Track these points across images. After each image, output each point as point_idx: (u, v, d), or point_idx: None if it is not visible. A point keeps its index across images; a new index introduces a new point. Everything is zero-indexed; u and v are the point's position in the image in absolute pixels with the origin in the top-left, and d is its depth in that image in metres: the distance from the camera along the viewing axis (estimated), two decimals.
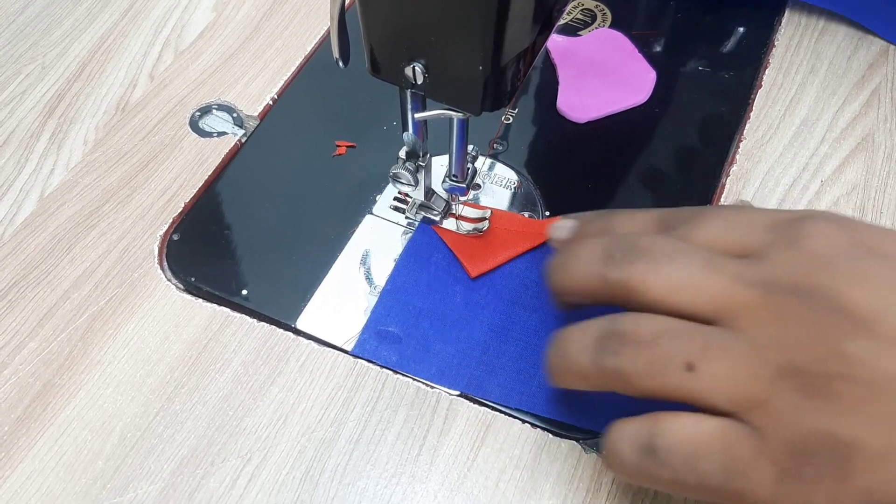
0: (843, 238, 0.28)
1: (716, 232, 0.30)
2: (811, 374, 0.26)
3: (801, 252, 0.28)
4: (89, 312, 0.39)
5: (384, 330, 0.39)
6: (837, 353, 0.26)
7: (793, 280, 0.27)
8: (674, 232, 0.31)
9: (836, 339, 0.26)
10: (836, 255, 0.27)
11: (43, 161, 0.45)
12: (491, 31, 0.29)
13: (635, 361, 0.28)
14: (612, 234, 0.32)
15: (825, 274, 0.27)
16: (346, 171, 0.45)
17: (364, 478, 0.35)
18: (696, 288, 0.28)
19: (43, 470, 0.35)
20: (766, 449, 0.26)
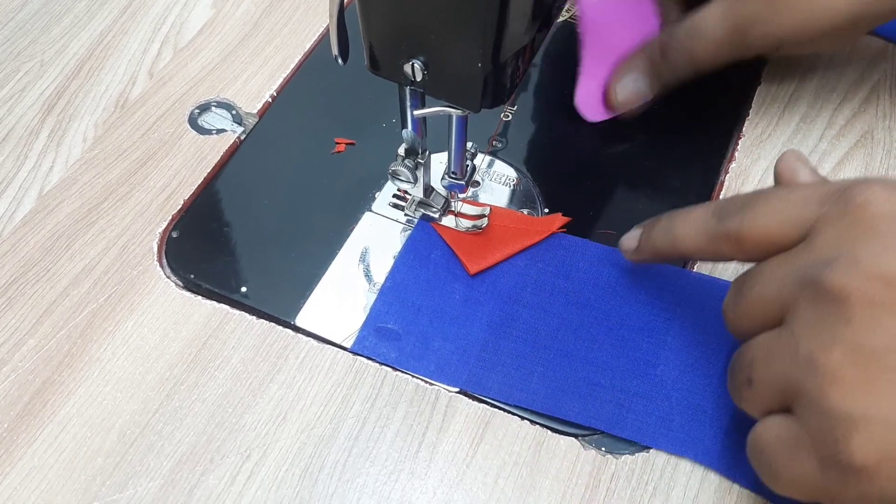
0: (893, 201, 0.27)
1: (770, 214, 0.30)
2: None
3: (851, 220, 0.28)
4: (88, 309, 0.39)
5: (383, 327, 0.39)
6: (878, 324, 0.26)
7: (838, 250, 0.27)
8: (731, 219, 0.32)
9: (876, 308, 0.26)
10: (888, 219, 0.27)
11: (42, 158, 0.45)
12: (490, 28, 0.30)
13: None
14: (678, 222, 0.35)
15: (871, 241, 0.27)
16: (345, 168, 0.45)
17: (363, 474, 0.35)
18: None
19: (42, 467, 0.35)
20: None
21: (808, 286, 0.27)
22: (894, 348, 0.25)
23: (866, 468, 0.25)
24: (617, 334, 0.38)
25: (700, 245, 0.33)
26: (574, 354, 0.38)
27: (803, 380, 0.27)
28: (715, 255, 0.34)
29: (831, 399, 0.26)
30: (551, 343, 0.38)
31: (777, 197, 0.31)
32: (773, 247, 0.30)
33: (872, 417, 0.25)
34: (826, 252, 0.28)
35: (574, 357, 0.38)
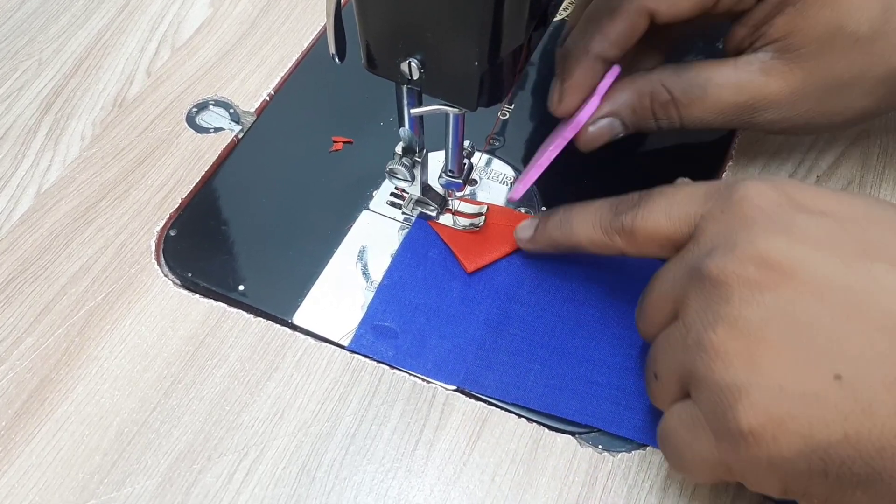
0: (772, 195, 0.30)
1: (661, 210, 0.33)
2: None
3: (730, 215, 0.30)
4: (86, 308, 0.39)
5: (381, 325, 0.39)
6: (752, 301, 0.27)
7: (718, 240, 0.29)
8: (625, 214, 0.34)
9: (750, 289, 0.27)
10: (762, 210, 0.29)
11: (40, 157, 0.45)
12: (487, 26, 0.30)
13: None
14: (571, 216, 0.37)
15: (747, 229, 0.29)
16: (342, 166, 0.45)
17: (360, 472, 0.35)
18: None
19: (40, 465, 0.35)
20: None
21: (694, 277, 0.29)
22: (768, 320, 0.27)
23: (753, 432, 0.26)
24: (614, 332, 0.38)
25: (594, 237, 0.35)
26: (571, 352, 0.38)
27: (694, 362, 0.28)
28: (608, 248, 0.35)
29: (717, 373, 0.27)
30: (548, 341, 0.38)
31: (666, 194, 0.33)
32: (664, 241, 0.33)
33: (754, 384, 0.26)
34: (709, 245, 0.30)
35: (571, 355, 0.38)
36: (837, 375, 0.26)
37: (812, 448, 0.26)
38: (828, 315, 0.26)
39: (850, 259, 0.27)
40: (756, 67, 0.37)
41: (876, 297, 0.26)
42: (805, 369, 0.26)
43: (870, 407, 0.25)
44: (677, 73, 0.38)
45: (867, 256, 0.27)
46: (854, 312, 0.26)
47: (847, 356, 0.26)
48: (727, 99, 0.38)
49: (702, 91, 0.38)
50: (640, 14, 0.35)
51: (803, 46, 0.36)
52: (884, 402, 0.25)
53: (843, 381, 0.25)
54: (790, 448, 0.26)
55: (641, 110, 0.39)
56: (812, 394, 0.26)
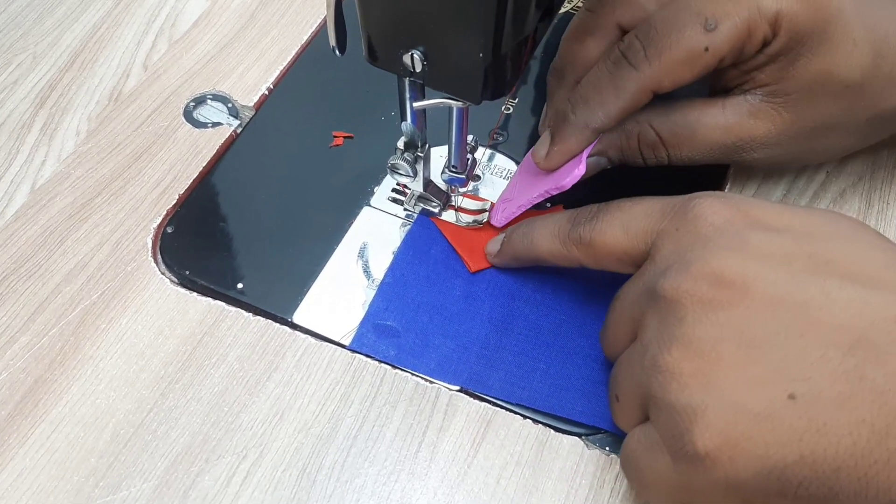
0: (726, 212, 0.30)
1: (618, 224, 0.33)
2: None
3: (684, 232, 0.30)
4: (82, 306, 0.38)
5: (382, 324, 0.38)
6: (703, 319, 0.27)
7: (672, 259, 0.29)
8: (583, 226, 0.34)
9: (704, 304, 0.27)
10: (716, 228, 0.29)
11: (34, 152, 0.44)
12: (492, 17, 0.29)
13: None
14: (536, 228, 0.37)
15: (701, 247, 0.29)
16: (343, 162, 0.44)
17: (362, 475, 0.34)
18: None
19: (34, 467, 0.34)
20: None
21: (650, 297, 0.29)
22: (722, 339, 0.27)
23: (709, 454, 0.26)
24: None
25: (553, 248, 0.36)
26: (577, 351, 0.37)
27: (651, 383, 0.28)
28: (568, 259, 0.35)
29: (672, 394, 0.27)
30: (554, 340, 0.37)
31: (623, 209, 0.33)
32: (622, 255, 0.33)
33: (708, 405, 0.26)
34: (664, 263, 0.30)
35: (577, 354, 0.37)
36: (791, 395, 0.25)
37: (769, 469, 0.25)
38: (781, 332, 0.26)
39: (803, 274, 0.27)
40: (744, 110, 0.37)
41: (828, 313, 0.26)
42: (759, 389, 0.26)
43: (824, 426, 0.25)
44: (665, 114, 0.37)
45: (820, 271, 0.27)
46: (807, 329, 0.26)
47: (800, 374, 0.25)
48: (715, 140, 0.37)
49: (690, 132, 0.37)
50: (645, 93, 0.35)
51: (793, 93, 0.36)
52: (837, 420, 0.25)
53: (797, 400, 0.25)
54: (747, 469, 0.26)
55: (629, 150, 0.39)
56: (766, 414, 0.25)
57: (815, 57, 0.34)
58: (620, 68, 0.35)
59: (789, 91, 0.35)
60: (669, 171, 0.40)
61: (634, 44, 0.35)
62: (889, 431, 0.24)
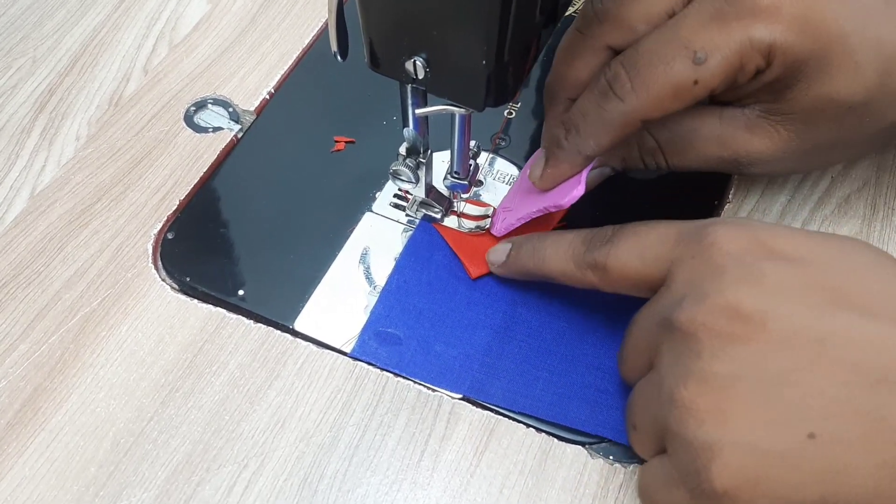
0: (742, 241, 0.29)
1: (634, 250, 0.32)
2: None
3: (700, 261, 0.29)
4: (81, 314, 0.38)
5: (384, 331, 0.38)
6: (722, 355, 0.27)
7: (688, 289, 0.29)
8: (598, 251, 0.34)
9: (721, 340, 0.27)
10: (732, 257, 0.29)
11: (34, 157, 0.44)
12: (495, 23, 0.28)
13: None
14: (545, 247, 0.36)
15: (717, 278, 0.28)
16: (344, 167, 0.44)
17: (364, 484, 0.34)
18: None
19: (34, 477, 0.34)
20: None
21: (666, 327, 0.29)
22: (740, 375, 0.26)
23: (727, 493, 0.25)
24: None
25: (566, 270, 0.35)
26: (580, 359, 0.37)
27: (667, 416, 0.28)
28: (580, 281, 0.35)
29: (689, 430, 0.27)
30: (557, 348, 0.37)
31: (639, 234, 0.33)
32: (637, 281, 0.32)
33: (727, 443, 0.26)
34: (679, 293, 0.29)
35: (581, 362, 0.37)
36: (811, 434, 0.25)
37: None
38: (799, 369, 0.26)
39: (821, 308, 0.26)
40: (741, 123, 0.36)
41: (847, 349, 0.26)
42: (778, 427, 0.25)
43: (845, 467, 0.24)
44: (663, 121, 0.36)
45: (839, 305, 0.26)
46: (825, 366, 0.26)
47: (819, 413, 0.25)
48: (711, 152, 0.36)
49: (686, 142, 0.37)
50: (633, 124, 0.34)
51: (792, 113, 0.34)
52: (858, 462, 0.24)
53: (817, 440, 0.25)
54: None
55: (630, 158, 0.38)
56: (786, 453, 0.25)
57: (814, 83, 0.33)
58: (607, 100, 0.34)
59: (787, 111, 0.34)
60: (672, 178, 0.40)
61: (620, 74, 0.33)
62: None
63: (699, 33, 0.32)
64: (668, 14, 0.33)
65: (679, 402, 0.27)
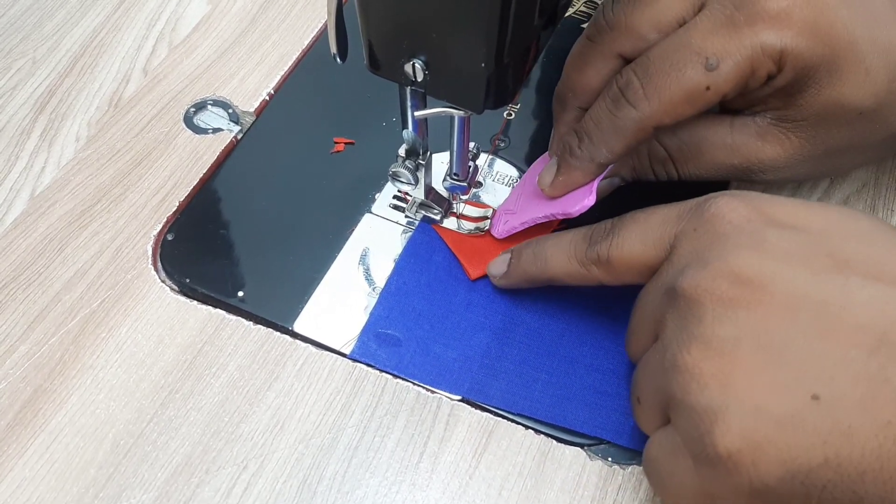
0: (744, 211, 0.29)
1: (636, 237, 0.32)
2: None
3: (702, 232, 0.30)
4: (81, 315, 0.38)
5: (384, 333, 0.38)
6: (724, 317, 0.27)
7: (691, 258, 0.29)
8: (600, 244, 0.33)
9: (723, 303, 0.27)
10: (734, 226, 0.29)
11: (34, 159, 0.44)
12: (494, 26, 0.29)
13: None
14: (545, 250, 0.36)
15: (719, 246, 0.28)
16: (344, 168, 0.44)
17: (363, 486, 0.34)
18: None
19: (34, 478, 0.34)
20: None
21: (669, 296, 0.29)
22: (743, 339, 0.26)
23: (731, 457, 0.25)
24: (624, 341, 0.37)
25: (571, 269, 0.35)
26: (579, 361, 0.37)
27: (671, 384, 0.28)
28: (586, 278, 0.35)
29: (692, 395, 0.27)
30: (556, 349, 0.37)
31: (639, 220, 0.33)
32: (642, 268, 0.32)
33: (731, 407, 0.26)
34: (682, 263, 0.30)
35: (579, 363, 0.37)
36: (815, 396, 0.25)
37: (793, 473, 0.25)
38: (802, 333, 0.26)
39: (823, 273, 0.27)
40: (752, 131, 0.36)
41: (850, 313, 0.26)
42: (781, 390, 0.25)
43: (849, 429, 0.24)
44: (673, 129, 0.37)
45: (840, 270, 0.27)
46: (828, 329, 0.26)
47: (823, 376, 0.25)
48: (722, 160, 0.37)
49: (697, 150, 0.37)
50: (646, 131, 0.34)
51: (801, 119, 0.35)
52: (863, 423, 0.24)
53: (821, 402, 0.25)
54: (771, 473, 0.25)
55: (641, 168, 0.39)
56: (789, 416, 0.25)
57: (824, 88, 0.33)
58: (620, 107, 0.34)
59: (797, 118, 0.35)
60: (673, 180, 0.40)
61: (633, 82, 0.34)
62: None
63: (711, 40, 0.32)
64: (679, 22, 0.34)
65: (682, 366, 0.27)
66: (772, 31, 0.32)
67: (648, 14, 0.34)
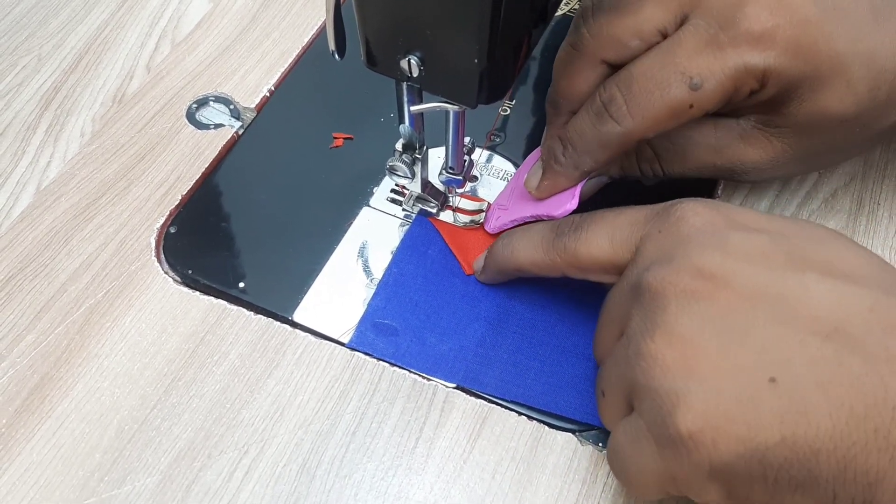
0: (707, 215, 0.31)
1: (604, 235, 0.33)
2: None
3: (667, 234, 0.31)
4: (87, 305, 0.39)
5: (381, 323, 0.39)
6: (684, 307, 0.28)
7: (655, 257, 0.30)
8: (567, 237, 0.34)
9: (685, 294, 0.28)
10: (697, 229, 0.30)
11: (40, 153, 0.45)
12: (486, 23, 0.29)
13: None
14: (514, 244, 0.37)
15: (683, 246, 0.29)
16: (343, 163, 0.45)
17: (361, 470, 0.35)
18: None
19: (41, 462, 0.35)
20: None
21: (634, 292, 0.30)
22: (704, 328, 0.27)
23: (692, 437, 0.26)
24: None
25: (536, 259, 0.36)
26: (571, 349, 0.38)
27: (634, 371, 0.29)
28: (550, 268, 0.35)
29: (655, 379, 0.28)
30: (549, 338, 0.38)
31: (608, 219, 0.34)
32: (607, 265, 0.33)
33: (692, 390, 0.27)
34: (647, 261, 0.31)
35: (571, 352, 0.38)
36: (772, 378, 0.26)
37: (751, 451, 0.26)
38: (761, 321, 0.27)
39: (781, 270, 0.28)
40: (736, 133, 0.37)
41: (807, 304, 0.27)
42: (740, 374, 0.26)
43: (804, 409, 0.25)
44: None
45: (798, 267, 0.28)
46: (786, 319, 0.27)
47: (780, 360, 0.26)
48: (706, 159, 0.37)
49: (682, 151, 0.38)
50: (629, 144, 0.35)
51: (786, 126, 0.35)
52: (817, 403, 0.25)
53: (778, 384, 0.26)
54: (729, 452, 0.26)
55: (628, 167, 0.39)
56: (748, 397, 0.26)
57: (807, 100, 0.34)
58: (603, 122, 0.34)
59: (780, 124, 0.35)
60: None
61: (616, 98, 0.34)
62: (868, 414, 0.25)
63: (695, 59, 0.33)
64: (661, 32, 0.34)
65: (646, 354, 0.28)
66: (755, 52, 0.32)
67: (628, 23, 0.34)
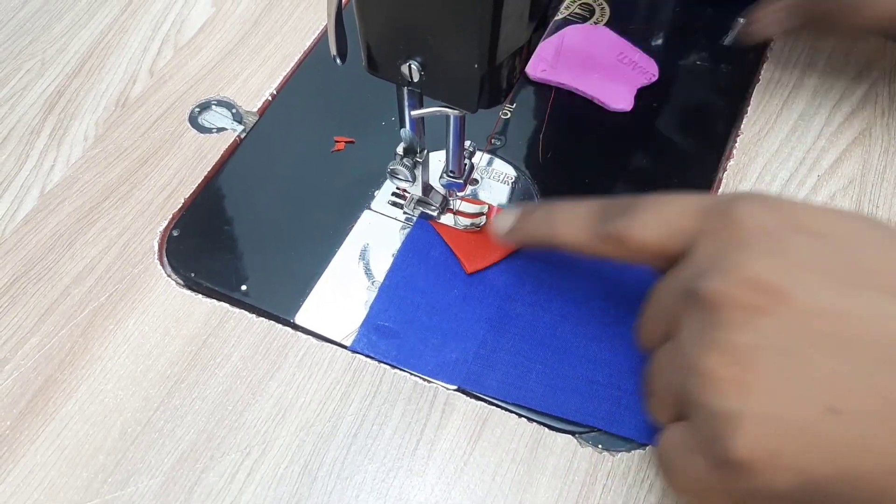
0: (768, 215, 0.29)
1: (653, 221, 0.32)
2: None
3: (726, 234, 0.29)
4: (90, 308, 0.39)
5: (382, 325, 0.39)
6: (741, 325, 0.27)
7: (713, 261, 0.29)
8: (614, 222, 0.33)
9: (743, 312, 0.27)
10: (756, 231, 0.28)
11: (43, 157, 0.45)
12: (486, 28, 0.30)
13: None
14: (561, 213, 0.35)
15: (741, 250, 0.28)
16: (344, 166, 0.45)
17: (362, 472, 0.35)
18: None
19: (45, 464, 0.35)
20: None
21: (689, 297, 0.29)
22: (762, 347, 0.26)
23: (747, 463, 0.26)
24: (615, 332, 0.38)
25: (579, 241, 0.34)
26: (572, 352, 0.38)
27: (688, 385, 0.28)
28: (594, 252, 0.34)
29: (711, 400, 0.27)
30: (549, 340, 0.38)
31: (657, 206, 0.32)
32: (656, 252, 0.32)
33: (748, 414, 0.26)
34: (704, 264, 0.29)
35: (572, 354, 0.38)
36: (832, 408, 0.25)
37: (807, 483, 0.25)
38: (821, 344, 0.26)
39: (843, 285, 0.27)
40: None
41: (869, 327, 0.26)
42: (798, 400, 0.26)
43: (864, 442, 0.25)
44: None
45: (862, 283, 0.27)
46: (848, 342, 0.26)
47: (841, 388, 0.25)
48: (886, 8, 0.39)
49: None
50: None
51: None
52: (878, 437, 0.25)
53: (838, 415, 0.25)
54: (785, 482, 0.26)
55: (808, 10, 0.42)
56: (806, 426, 0.25)
57: None
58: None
59: None
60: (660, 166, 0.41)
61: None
62: None
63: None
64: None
65: (701, 371, 0.27)
66: None
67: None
